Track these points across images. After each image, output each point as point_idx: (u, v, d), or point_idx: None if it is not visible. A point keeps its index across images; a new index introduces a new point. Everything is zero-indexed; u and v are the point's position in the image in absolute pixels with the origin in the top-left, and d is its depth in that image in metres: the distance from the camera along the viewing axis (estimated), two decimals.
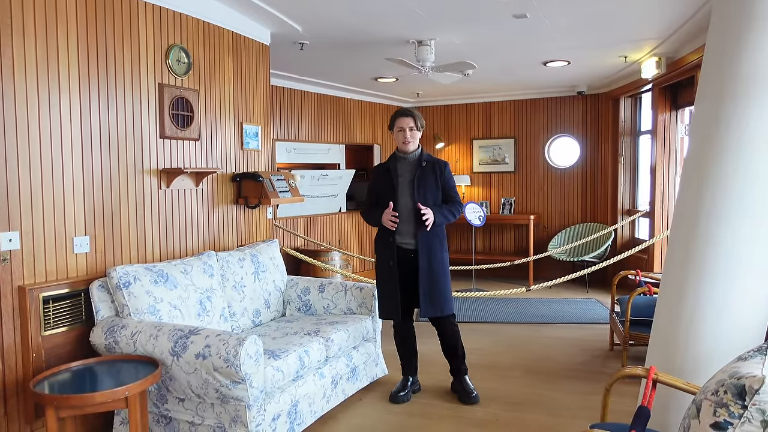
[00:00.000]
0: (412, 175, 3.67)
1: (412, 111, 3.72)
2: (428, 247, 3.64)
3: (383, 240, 3.72)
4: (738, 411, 1.48)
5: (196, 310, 3.34)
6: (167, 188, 3.71)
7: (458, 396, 3.79)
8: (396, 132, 3.71)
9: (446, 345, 3.82)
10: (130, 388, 2.56)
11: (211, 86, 4.09)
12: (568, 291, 7.30)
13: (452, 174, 3.83)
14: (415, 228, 3.63)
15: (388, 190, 3.68)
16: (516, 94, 8.28)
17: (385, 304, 3.74)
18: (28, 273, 2.92)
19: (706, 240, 2.30)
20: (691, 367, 2.28)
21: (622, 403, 3.49)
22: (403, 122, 3.67)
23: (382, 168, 3.80)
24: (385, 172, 3.76)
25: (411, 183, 3.65)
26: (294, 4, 4.13)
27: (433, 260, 3.65)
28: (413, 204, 3.61)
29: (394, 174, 3.71)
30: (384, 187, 3.71)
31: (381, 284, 3.76)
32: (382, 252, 3.72)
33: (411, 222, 3.63)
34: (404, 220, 3.63)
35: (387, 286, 3.71)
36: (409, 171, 3.69)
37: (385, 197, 3.65)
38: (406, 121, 3.66)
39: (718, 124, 2.31)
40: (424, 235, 3.62)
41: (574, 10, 4.31)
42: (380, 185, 3.74)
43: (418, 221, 3.60)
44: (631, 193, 7.57)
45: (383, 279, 3.73)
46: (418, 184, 3.64)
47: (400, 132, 3.68)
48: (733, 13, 2.35)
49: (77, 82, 3.14)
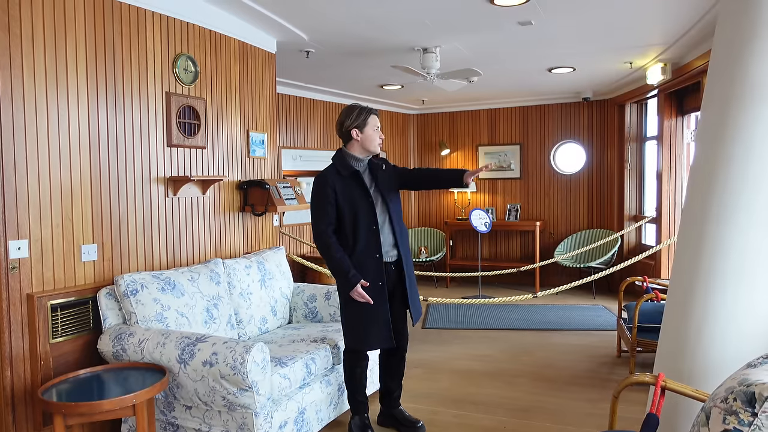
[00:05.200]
0: (372, 183, 3.25)
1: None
2: (407, 254, 3.32)
3: (367, 258, 3.16)
4: (748, 418, 1.47)
5: (203, 318, 3.35)
6: (174, 196, 3.73)
7: (402, 430, 3.42)
8: (371, 130, 3.20)
9: (401, 370, 3.49)
10: (137, 396, 2.56)
11: (217, 94, 4.11)
12: (575, 297, 7.27)
13: None
14: (394, 237, 3.24)
15: (362, 201, 3.15)
16: (521, 101, 8.29)
17: (374, 331, 3.17)
18: (36, 281, 2.94)
19: (714, 246, 2.29)
20: (700, 374, 2.26)
21: (631, 411, 3.47)
22: (377, 120, 3.26)
23: (344, 175, 3.18)
24: (351, 179, 3.17)
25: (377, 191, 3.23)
26: (300, 13, 4.15)
27: (410, 268, 3.36)
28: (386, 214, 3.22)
29: (365, 182, 3.20)
30: (356, 197, 3.15)
31: (368, 309, 3.15)
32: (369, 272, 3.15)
33: (390, 232, 3.23)
34: (385, 233, 3.21)
35: (377, 311, 3.16)
36: (368, 178, 3.25)
37: (360, 211, 3.14)
38: (378, 120, 3.27)
39: (725, 130, 2.31)
40: (403, 242, 3.29)
41: (578, 16, 4.32)
42: (348, 197, 3.15)
43: (396, 229, 3.23)
44: (637, 199, 7.54)
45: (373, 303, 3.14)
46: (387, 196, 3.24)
47: (377, 131, 3.23)
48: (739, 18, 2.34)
49: (85, 90, 3.17)
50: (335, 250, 3.11)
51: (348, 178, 3.18)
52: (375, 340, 3.21)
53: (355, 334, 3.24)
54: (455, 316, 6.37)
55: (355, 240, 3.16)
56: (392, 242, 3.24)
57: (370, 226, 3.16)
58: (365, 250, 3.16)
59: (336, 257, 3.11)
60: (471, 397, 3.97)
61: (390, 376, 3.48)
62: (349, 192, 3.15)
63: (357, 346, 3.27)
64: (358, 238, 3.15)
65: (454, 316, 6.41)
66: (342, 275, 3.11)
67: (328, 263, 3.16)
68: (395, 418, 3.47)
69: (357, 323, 3.21)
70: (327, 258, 3.15)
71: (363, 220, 3.15)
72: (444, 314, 6.48)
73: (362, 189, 3.18)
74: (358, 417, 3.36)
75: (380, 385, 3.53)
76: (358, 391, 3.36)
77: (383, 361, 3.49)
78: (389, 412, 3.50)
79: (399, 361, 3.47)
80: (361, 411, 3.36)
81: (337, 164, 3.22)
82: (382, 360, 3.49)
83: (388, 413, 3.51)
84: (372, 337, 3.20)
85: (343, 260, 3.10)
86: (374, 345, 3.24)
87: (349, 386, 3.36)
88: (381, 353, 3.47)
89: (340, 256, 3.11)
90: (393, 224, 3.24)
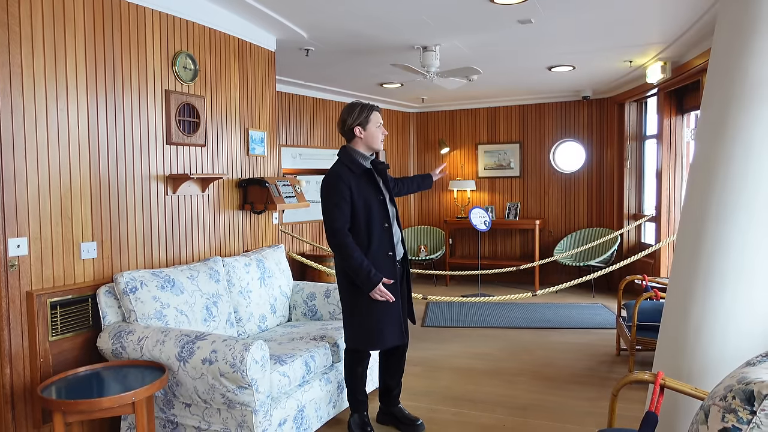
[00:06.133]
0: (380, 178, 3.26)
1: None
2: (405, 250, 3.39)
3: (380, 256, 3.14)
4: (747, 416, 1.48)
5: (202, 316, 3.35)
6: (174, 194, 3.73)
7: (401, 428, 3.43)
8: (374, 127, 3.20)
9: (401, 368, 3.48)
10: (137, 394, 2.56)
11: (217, 92, 4.11)
12: (574, 296, 7.28)
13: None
14: (400, 235, 3.30)
15: (375, 199, 3.14)
16: (521, 99, 8.29)
17: (388, 329, 3.16)
18: (35, 279, 2.94)
19: (714, 245, 2.29)
20: (699, 372, 2.27)
21: (630, 409, 3.48)
22: (380, 117, 3.25)
23: (357, 173, 3.15)
24: (364, 176, 3.16)
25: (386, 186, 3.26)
26: (299, 11, 4.15)
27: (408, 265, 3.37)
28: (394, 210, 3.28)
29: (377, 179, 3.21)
30: (369, 195, 3.13)
31: (384, 308, 3.13)
32: (382, 270, 3.12)
33: (398, 229, 3.28)
34: (395, 230, 3.23)
35: (393, 309, 3.15)
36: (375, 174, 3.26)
37: (373, 208, 3.13)
38: (380, 116, 3.27)
39: (725, 129, 2.31)
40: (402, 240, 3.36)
41: (578, 15, 4.32)
42: (362, 194, 3.12)
43: (400, 226, 3.32)
44: (637, 197, 7.55)
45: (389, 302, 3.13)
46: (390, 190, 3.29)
47: (379, 128, 3.23)
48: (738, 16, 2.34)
49: (84, 88, 3.17)
50: (353, 249, 3.06)
51: (361, 176, 3.15)
52: (389, 339, 3.18)
53: (366, 334, 3.17)
54: (455, 315, 6.38)
55: (370, 238, 3.12)
56: (400, 239, 3.31)
57: (383, 224, 3.15)
58: (379, 248, 3.13)
59: (355, 256, 3.05)
60: (470, 395, 3.97)
61: (390, 374, 3.48)
62: (363, 190, 3.12)
63: (367, 347, 3.24)
64: (372, 236, 3.12)
65: (453, 314, 6.41)
66: (363, 275, 3.05)
67: (346, 262, 3.09)
68: (395, 416, 3.47)
69: (370, 323, 3.15)
70: (345, 257, 3.08)
71: (377, 218, 3.13)
72: (443, 312, 6.48)
73: (375, 187, 3.17)
74: (358, 415, 3.36)
75: (380, 383, 3.53)
76: (358, 389, 3.35)
77: (383, 359, 3.48)
78: (388, 410, 3.51)
79: (399, 360, 3.46)
80: (360, 409, 3.36)
81: (347, 162, 3.17)
82: (382, 358, 3.49)
83: (387, 411, 3.51)
84: (387, 336, 3.17)
85: (363, 259, 3.06)
86: (388, 343, 3.20)
87: (350, 385, 3.36)
88: (381, 351, 3.47)
89: (358, 255, 3.06)
90: (398, 222, 3.30)
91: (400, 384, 3.52)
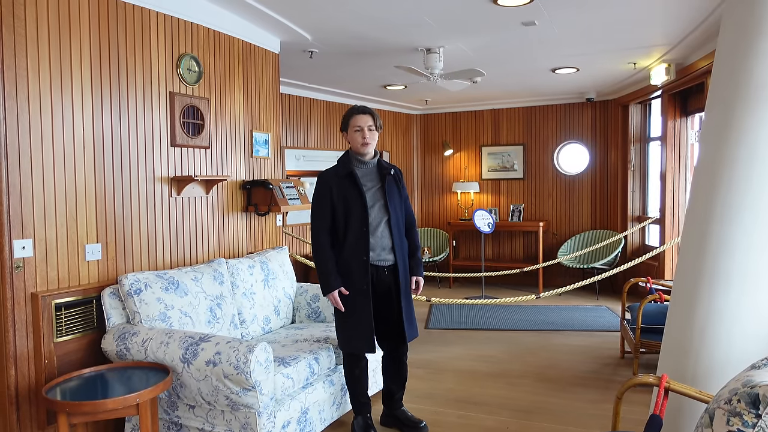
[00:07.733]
0: (376, 184, 3.25)
1: (371, 109, 3.30)
2: (404, 263, 3.29)
3: (353, 259, 3.17)
4: (752, 420, 1.47)
5: (206, 317, 3.35)
6: (178, 196, 3.74)
7: (405, 430, 3.42)
8: (352, 132, 3.23)
9: (402, 373, 3.46)
10: (141, 395, 2.57)
11: (221, 94, 4.12)
12: (578, 298, 7.26)
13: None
14: (392, 241, 3.22)
15: (354, 202, 3.16)
16: (525, 101, 8.28)
17: (356, 335, 3.19)
18: (40, 280, 2.95)
19: (718, 247, 2.28)
20: (704, 375, 2.26)
21: (634, 412, 3.47)
22: (360, 120, 3.22)
23: (340, 175, 3.21)
24: (347, 179, 3.19)
25: (379, 193, 3.23)
26: (303, 13, 4.16)
27: (406, 276, 3.32)
28: (385, 216, 3.20)
29: (359, 182, 3.19)
30: (349, 197, 3.16)
31: (349, 312, 3.19)
32: (353, 273, 3.16)
33: (386, 236, 3.21)
34: (378, 236, 3.19)
35: (359, 315, 3.17)
36: (371, 179, 3.25)
37: (352, 211, 3.15)
38: (364, 119, 3.23)
39: (730, 131, 2.30)
40: (400, 248, 3.26)
41: (582, 17, 4.31)
42: (342, 196, 3.16)
43: (393, 233, 3.21)
44: (641, 199, 7.53)
45: (353, 306, 3.17)
46: (389, 199, 3.22)
47: (358, 132, 3.21)
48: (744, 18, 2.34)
49: (89, 90, 3.18)
50: (323, 250, 3.18)
51: (344, 178, 3.21)
52: (357, 345, 3.22)
53: (341, 336, 3.28)
54: (458, 317, 6.37)
55: (345, 240, 3.19)
56: (388, 246, 3.22)
57: (360, 228, 3.16)
58: (353, 250, 3.17)
59: (322, 258, 3.18)
60: (474, 397, 3.97)
61: (391, 378, 3.47)
62: (343, 192, 3.18)
63: (344, 349, 3.30)
64: (348, 238, 3.18)
65: (457, 316, 6.41)
66: (323, 276, 3.17)
67: (315, 262, 3.23)
68: (398, 418, 3.47)
69: (342, 326, 3.26)
70: (315, 256, 3.21)
71: (354, 220, 3.17)
72: (447, 315, 6.48)
73: (356, 190, 3.18)
74: (361, 417, 3.35)
75: (383, 385, 3.53)
76: (359, 391, 3.35)
77: (385, 362, 3.48)
78: (392, 412, 3.50)
79: (398, 364, 3.43)
80: (363, 411, 3.36)
81: (338, 164, 3.30)
82: (384, 361, 3.49)
83: (390, 414, 3.51)
84: (354, 341, 3.23)
85: (328, 262, 3.17)
86: (356, 349, 3.25)
87: (350, 387, 3.37)
88: (384, 354, 3.47)
89: (326, 257, 3.17)
90: (392, 228, 3.22)
91: (402, 388, 3.51)
